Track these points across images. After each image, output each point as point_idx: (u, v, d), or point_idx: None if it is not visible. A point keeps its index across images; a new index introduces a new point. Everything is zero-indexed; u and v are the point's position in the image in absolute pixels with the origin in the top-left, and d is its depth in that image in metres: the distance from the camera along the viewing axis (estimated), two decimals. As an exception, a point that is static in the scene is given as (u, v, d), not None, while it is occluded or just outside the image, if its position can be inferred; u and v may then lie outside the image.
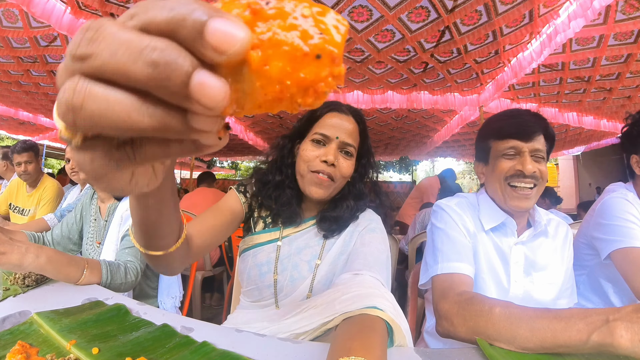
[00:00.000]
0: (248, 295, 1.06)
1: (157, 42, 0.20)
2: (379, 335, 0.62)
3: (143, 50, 0.20)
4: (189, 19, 0.20)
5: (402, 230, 4.33)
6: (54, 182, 2.92)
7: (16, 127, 7.75)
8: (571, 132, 6.93)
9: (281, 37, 0.22)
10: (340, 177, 0.98)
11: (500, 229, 1.13)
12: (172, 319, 0.76)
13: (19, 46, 3.91)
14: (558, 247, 1.15)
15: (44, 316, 0.76)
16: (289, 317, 0.81)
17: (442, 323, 0.85)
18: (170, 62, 0.20)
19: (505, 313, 0.70)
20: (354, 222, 1.07)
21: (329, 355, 0.56)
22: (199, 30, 0.20)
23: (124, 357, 0.58)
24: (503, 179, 1.07)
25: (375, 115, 6.30)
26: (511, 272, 1.09)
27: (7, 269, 0.92)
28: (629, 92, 4.85)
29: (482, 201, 1.18)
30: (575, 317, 0.62)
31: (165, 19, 0.20)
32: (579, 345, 0.59)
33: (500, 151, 1.08)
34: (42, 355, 0.63)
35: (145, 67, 0.20)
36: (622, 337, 0.54)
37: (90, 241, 1.53)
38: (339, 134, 0.97)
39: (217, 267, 3.28)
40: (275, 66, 0.22)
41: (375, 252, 0.95)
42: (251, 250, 1.06)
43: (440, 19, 3.18)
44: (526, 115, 1.08)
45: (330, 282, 0.99)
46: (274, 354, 0.63)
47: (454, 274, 0.99)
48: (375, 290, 0.74)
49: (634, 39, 3.54)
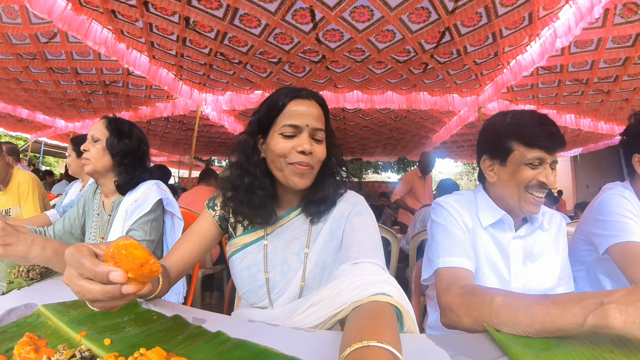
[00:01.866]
0: (246, 297, 1.06)
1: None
2: (389, 320, 0.62)
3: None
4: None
5: (402, 229, 4.35)
6: (26, 174, 2.78)
7: (14, 124, 7.72)
8: (569, 133, 6.98)
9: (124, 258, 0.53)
10: (317, 163, 0.98)
11: (498, 225, 1.15)
12: (182, 310, 0.77)
13: (18, 42, 3.89)
14: (552, 237, 1.18)
15: (52, 308, 0.76)
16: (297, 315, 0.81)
17: (447, 315, 0.88)
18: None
19: (506, 302, 0.72)
20: (339, 207, 1.06)
21: (342, 342, 0.57)
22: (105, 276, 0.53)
23: (137, 347, 0.58)
24: (524, 187, 1.08)
25: (374, 115, 6.32)
26: (511, 265, 1.12)
27: (13, 260, 0.91)
28: (626, 94, 4.90)
29: (479, 198, 1.20)
30: (571, 302, 0.64)
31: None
32: (576, 328, 0.61)
33: (525, 158, 1.06)
34: (51, 347, 0.63)
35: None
36: (616, 319, 0.56)
37: (93, 236, 1.52)
38: (309, 121, 0.96)
39: (217, 265, 3.28)
40: (125, 265, 0.53)
41: (368, 236, 0.95)
42: (238, 253, 1.05)
43: (441, 20, 3.19)
44: (552, 125, 1.07)
45: (322, 271, 0.99)
46: (289, 342, 0.63)
47: (457, 268, 1.01)
48: (379, 277, 0.74)
49: (632, 42, 3.58)
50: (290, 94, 0.99)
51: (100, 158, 1.47)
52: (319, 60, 4.10)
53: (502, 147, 1.12)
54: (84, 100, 5.79)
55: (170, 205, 1.53)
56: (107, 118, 1.54)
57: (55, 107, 6.24)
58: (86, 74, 4.73)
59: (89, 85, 5.10)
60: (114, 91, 5.38)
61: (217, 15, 3.22)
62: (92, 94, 5.49)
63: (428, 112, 5.77)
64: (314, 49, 3.78)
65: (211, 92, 5.22)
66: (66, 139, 9.33)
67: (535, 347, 0.62)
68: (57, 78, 4.84)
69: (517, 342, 0.64)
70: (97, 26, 3.41)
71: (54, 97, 5.62)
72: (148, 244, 1.40)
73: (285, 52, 3.89)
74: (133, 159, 1.53)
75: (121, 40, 3.69)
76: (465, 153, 9.75)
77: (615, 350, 0.58)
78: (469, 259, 1.04)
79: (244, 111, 5.92)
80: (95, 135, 1.48)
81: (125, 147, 1.51)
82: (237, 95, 5.20)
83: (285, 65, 4.24)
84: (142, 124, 7.22)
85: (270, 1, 2.98)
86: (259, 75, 4.56)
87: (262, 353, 0.59)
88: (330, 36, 3.55)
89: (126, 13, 3.18)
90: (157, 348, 0.57)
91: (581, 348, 0.60)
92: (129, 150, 1.52)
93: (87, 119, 7.11)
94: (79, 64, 4.41)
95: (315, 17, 3.21)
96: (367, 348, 0.51)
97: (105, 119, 1.53)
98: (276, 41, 3.67)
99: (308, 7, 3.04)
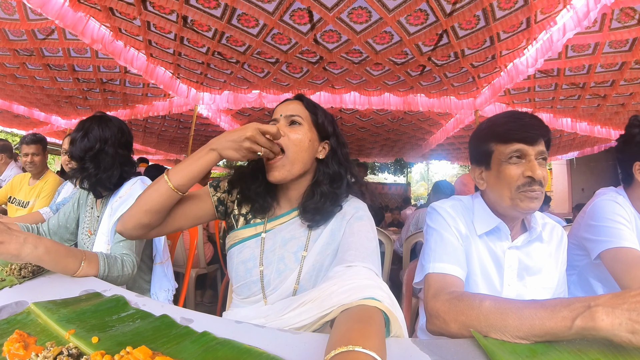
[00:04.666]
0: (238, 292, 1.06)
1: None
2: (376, 325, 0.63)
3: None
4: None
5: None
6: (56, 178, 2.96)
7: (10, 120, 7.67)
8: (565, 137, 7.01)
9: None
10: (292, 146, 1.00)
11: (494, 233, 1.12)
12: (171, 310, 0.77)
13: (15, 38, 3.87)
14: (552, 251, 1.14)
15: (42, 306, 0.76)
16: (286, 313, 0.81)
17: (433, 321, 0.86)
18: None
19: (495, 305, 0.72)
20: (340, 212, 1.07)
21: (328, 345, 0.57)
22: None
23: (124, 346, 0.59)
24: (515, 189, 1.03)
25: (371, 117, 6.32)
26: (505, 276, 1.10)
27: (5, 259, 0.91)
28: (623, 99, 4.92)
29: (477, 205, 1.17)
30: (560, 305, 0.65)
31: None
32: (564, 331, 0.62)
33: (505, 155, 1.04)
34: (40, 344, 0.63)
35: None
36: (603, 321, 0.58)
37: (84, 230, 1.53)
38: (282, 112, 1.05)
39: (211, 265, 3.28)
40: None
41: (365, 242, 0.95)
42: (236, 246, 1.07)
43: (439, 23, 3.20)
44: (527, 118, 1.05)
45: (318, 273, 0.99)
46: (275, 343, 0.63)
47: (447, 275, 0.99)
48: (371, 282, 0.75)
49: (629, 47, 3.60)
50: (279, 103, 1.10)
51: (66, 165, 1.47)
52: (317, 61, 4.11)
53: (483, 152, 1.11)
54: (81, 98, 5.76)
55: None
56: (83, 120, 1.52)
57: (52, 103, 6.22)
58: (83, 71, 4.71)
59: (86, 82, 5.08)
60: (111, 89, 5.35)
61: (215, 14, 3.21)
62: (89, 91, 5.47)
63: (425, 114, 5.78)
64: (311, 49, 3.78)
65: (208, 91, 5.21)
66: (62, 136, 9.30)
67: (522, 353, 0.63)
68: (54, 75, 4.82)
69: (503, 349, 0.64)
70: (94, 23, 3.40)
71: (51, 93, 5.59)
72: (137, 242, 1.40)
73: (283, 52, 3.89)
74: (92, 160, 1.45)
75: (119, 37, 3.68)
76: (461, 155, 9.77)
77: (602, 358, 0.58)
78: (459, 266, 1.02)
79: (240, 110, 5.92)
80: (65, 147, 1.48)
81: (79, 150, 1.44)
82: (234, 94, 5.20)
83: (283, 66, 4.24)
84: (139, 122, 7.20)
85: (269, 1, 2.98)
86: (257, 75, 4.56)
87: (246, 352, 0.59)
88: (328, 37, 3.55)
89: (124, 11, 3.17)
90: (143, 347, 0.57)
91: (568, 355, 0.60)
92: (84, 151, 1.45)
93: (83, 116, 7.06)
94: (76, 61, 4.39)
95: (313, 18, 3.21)
96: (351, 352, 0.52)
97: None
98: (274, 41, 3.67)
99: (306, 7, 3.04)
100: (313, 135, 1.05)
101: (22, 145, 2.88)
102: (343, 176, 1.08)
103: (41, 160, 2.93)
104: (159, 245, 1.61)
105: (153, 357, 0.56)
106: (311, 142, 1.03)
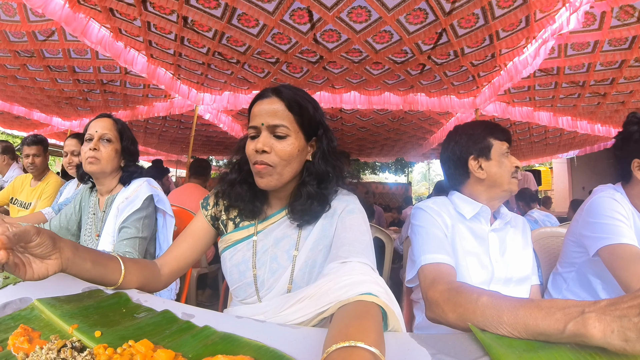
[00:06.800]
0: (235, 294, 1.07)
1: None
2: (374, 320, 0.63)
3: None
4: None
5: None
6: (57, 179, 2.97)
7: (11, 121, 7.69)
8: (565, 136, 7.01)
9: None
10: (280, 161, 0.95)
11: (476, 218, 1.29)
12: (172, 306, 0.78)
13: (16, 40, 3.89)
14: (519, 233, 1.36)
15: (45, 302, 0.77)
16: (284, 310, 0.81)
17: (433, 309, 0.89)
18: None
19: (492, 301, 0.74)
20: (331, 205, 1.05)
21: (326, 340, 0.57)
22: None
23: (126, 340, 0.60)
24: (509, 175, 1.28)
25: (371, 117, 6.33)
26: (490, 254, 1.26)
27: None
28: (622, 97, 4.92)
29: (456, 199, 1.34)
30: (555, 307, 0.65)
31: None
32: (557, 333, 0.61)
33: (503, 150, 1.29)
34: (44, 338, 0.64)
35: None
36: (595, 328, 0.56)
37: (89, 233, 1.54)
38: (263, 119, 0.95)
39: (212, 265, 3.29)
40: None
41: (359, 236, 0.95)
42: (228, 250, 1.07)
43: (438, 22, 3.21)
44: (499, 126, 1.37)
45: (311, 270, 0.99)
46: (274, 338, 0.64)
47: (441, 264, 1.08)
48: (367, 277, 0.75)
49: (629, 45, 3.60)
50: (257, 96, 1.01)
51: (112, 160, 1.50)
52: (317, 61, 4.11)
53: (485, 146, 1.31)
54: (81, 99, 5.78)
55: (161, 202, 1.55)
56: (113, 119, 1.55)
57: (52, 105, 6.23)
58: (84, 72, 4.72)
59: (87, 83, 5.09)
60: (112, 90, 5.37)
61: (215, 14, 3.23)
62: (90, 92, 5.48)
63: (425, 113, 5.78)
64: (311, 49, 3.79)
65: (209, 91, 5.22)
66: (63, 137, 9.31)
67: (519, 347, 0.63)
68: (54, 76, 4.83)
69: (500, 343, 0.65)
70: (94, 24, 3.41)
71: (51, 95, 5.60)
72: (141, 241, 1.41)
73: (283, 52, 3.90)
74: (135, 160, 1.63)
75: (119, 38, 3.70)
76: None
77: (601, 353, 0.58)
78: (449, 256, 1.12)
79: (241, 111, 5.93)
80: (107, 136, 1.49)
81: (134, 152, 1.62)
82: (234, 95, 5.21)
83: (283, 66, 4.25)
84: (140, 123, 7.21)
85: (269, 1, 2.99)
86: (257, 75, 4.57)
87: (247, 346, 0.60)
88: (327, 37, 3.56)
89: (124, 11, 3.19)
90: (144, 340, 0.58)
91: (565, 350, 0.60)
92: (135, 153, 1.63)
93: (84, 118, 7.09)
94: (77, 62, 4.40)
95: (312, 18, 3.22)
96: (350, 347, 0.52)
97: (110, 119, 1.54)
98: (274, 41, 3.68)
99: (306, 7, 3.05)
100: (301, 142, 0.98)
101: (23, 146, 2.91)
102: (331, 175, 1.05)
103: (42, 161, 2.95)
104: (162, 244, 1.62)
105: (155, 350, 0.57)
106: (300, 150, 0.98)
